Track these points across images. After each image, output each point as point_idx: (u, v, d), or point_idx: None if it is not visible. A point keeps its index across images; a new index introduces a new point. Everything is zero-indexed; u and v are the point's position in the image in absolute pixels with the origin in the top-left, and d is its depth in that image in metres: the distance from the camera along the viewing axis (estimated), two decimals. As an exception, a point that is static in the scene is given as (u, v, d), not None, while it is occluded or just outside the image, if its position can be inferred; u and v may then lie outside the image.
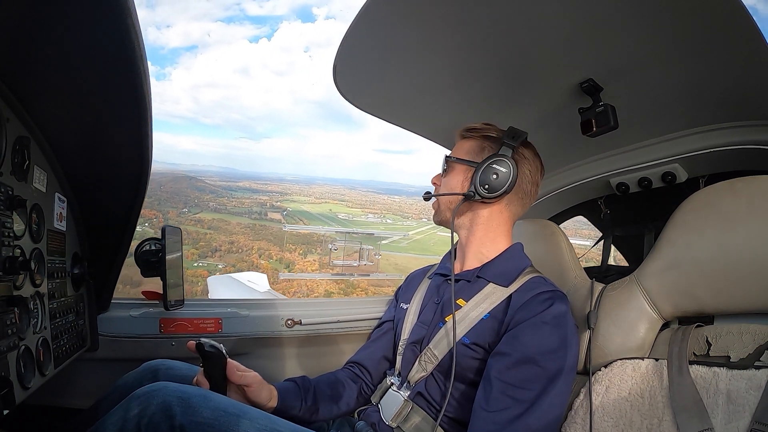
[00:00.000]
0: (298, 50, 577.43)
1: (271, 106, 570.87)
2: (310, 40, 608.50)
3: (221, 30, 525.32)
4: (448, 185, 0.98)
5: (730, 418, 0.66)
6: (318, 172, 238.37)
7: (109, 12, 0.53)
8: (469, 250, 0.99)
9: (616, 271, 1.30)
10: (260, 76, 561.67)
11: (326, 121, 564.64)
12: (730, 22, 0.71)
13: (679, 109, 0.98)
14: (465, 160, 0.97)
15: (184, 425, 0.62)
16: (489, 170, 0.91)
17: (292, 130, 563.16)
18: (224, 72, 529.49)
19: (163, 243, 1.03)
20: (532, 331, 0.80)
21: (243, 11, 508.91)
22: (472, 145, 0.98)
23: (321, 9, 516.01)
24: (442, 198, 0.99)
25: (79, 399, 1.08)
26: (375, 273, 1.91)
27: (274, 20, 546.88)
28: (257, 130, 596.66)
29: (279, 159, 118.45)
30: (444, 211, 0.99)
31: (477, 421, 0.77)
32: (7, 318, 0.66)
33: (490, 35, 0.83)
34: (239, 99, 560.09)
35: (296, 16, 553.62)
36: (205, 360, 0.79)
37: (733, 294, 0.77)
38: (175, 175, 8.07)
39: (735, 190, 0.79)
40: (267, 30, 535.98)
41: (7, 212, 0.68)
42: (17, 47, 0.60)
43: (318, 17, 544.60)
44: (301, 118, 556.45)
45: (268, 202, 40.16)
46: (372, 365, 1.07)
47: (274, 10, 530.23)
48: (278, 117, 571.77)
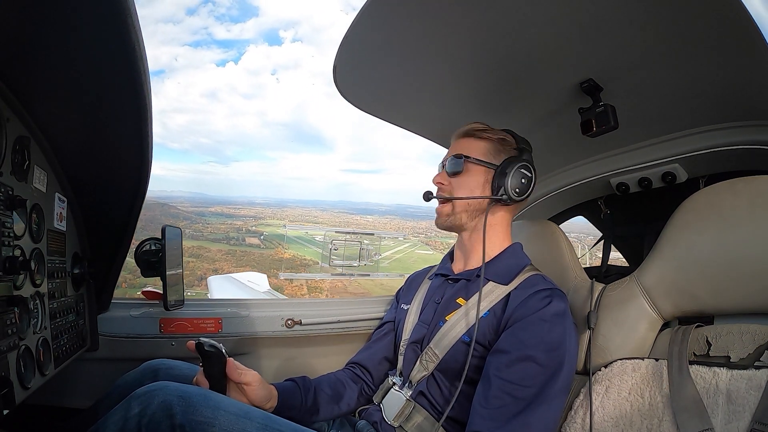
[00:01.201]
0: (265, 73, 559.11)
1: (240, 129, 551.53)
2: (277, 63, 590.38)
3: (189, 54, 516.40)
4: (466, 186, 0.95)
5: (730, 418, 0.66)
6: (288, 195, 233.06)
7: (109, 12, 0.53)
8: (475, 251, 0.98)
9: (616, 271, 1.30)
10: (228, 99, 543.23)
11: (294, 142, 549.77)
12: (730, 22, 0.71)
13: (679, 109, 0.98)
14: (485, 162, 0.94)
15: (185, 425, 0.62)
16: (519, 174, 0.91)
17: (260, 153, 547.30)
18: (192, 96, 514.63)
19: (163, 243, 1.03)
20: (531, 328, 0.80)
21: (210, 35, 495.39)
22: (488, 147, 0.96)
23: (287, 32, 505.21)
24: (458, 201, 0.95)
25: (79, 399, 1.08)
26: (375, 273, 1.91)
27: (241, 44, 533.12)
28: (226, 154, 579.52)
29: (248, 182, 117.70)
30: (459, 213, 0.95)
31: (475, 418, 0.77)
32: (7, 318, 0.66)
33: (490, 35, 0.83)
34: (207, 123, 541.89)
35: (263, 40, 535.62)
36: (205, 359, 0.79)
37: (733, 294, 0.77)
38: (146, 202, 7.99)
39: (735, 190, 0.79)
40: (234, 54, 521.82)
41: (7, 212, 0.68)
42: (17, 47, 0.60)
43: (285, 40, 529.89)
44: (270, 141, 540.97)
45: (243, 226, 40.05)
46: (373, 366, 1.07)
47: (241, 33, 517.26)
48: (246, 140, 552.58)
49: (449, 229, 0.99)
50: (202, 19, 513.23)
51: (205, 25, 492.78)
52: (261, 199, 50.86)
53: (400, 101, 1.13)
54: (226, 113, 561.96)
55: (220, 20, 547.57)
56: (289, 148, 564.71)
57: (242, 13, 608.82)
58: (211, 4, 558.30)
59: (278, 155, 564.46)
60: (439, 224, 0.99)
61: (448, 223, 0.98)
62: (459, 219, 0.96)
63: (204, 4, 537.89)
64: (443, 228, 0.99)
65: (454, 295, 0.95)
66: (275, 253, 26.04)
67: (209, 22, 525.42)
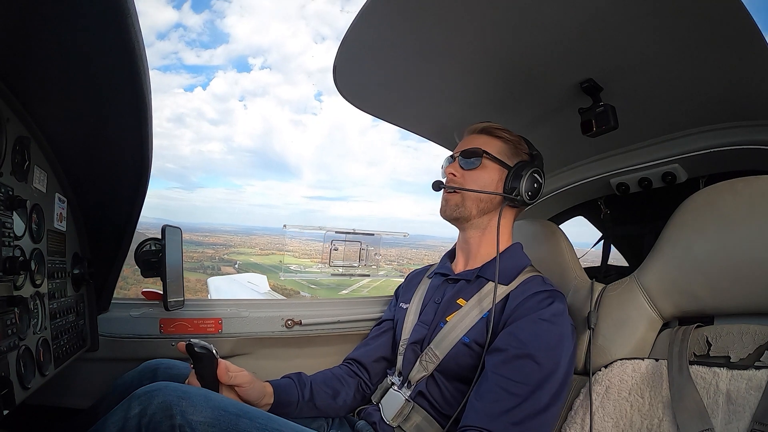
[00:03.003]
0: (233, 99, 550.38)
1: (206, 155, 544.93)
2: (245, 89, 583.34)
3: (157, 78, 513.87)
4: (481, 181, 0.95)
5: (730, 419, 0.66)
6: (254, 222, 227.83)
7: (109, 12, 0.53)
8: (477, 250, 0.99)
9: (616, 271, 1.30)
10: (195, 124, 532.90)
11: (260, 169, 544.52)
12: (730, 22, 0.71)
13: (679, 109, 0.98)
14: (501, 161, 0.95)
15: (185, 424, 0.62)
16: (532, 178, 0.94)
17: (226, 180, 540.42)
18: (159, 120, 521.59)
19: (163, 243, 1.03)
20: (529, 327, 0.80)
21: (180, 60, 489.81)
22: (504, 148, 0.97)
23: (257, 59, 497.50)
24: (469, 193, 0.95)
25: (79, 399, 1.08)
26: (375, 274, 1.90)
27: (210, 70, 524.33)
28: (191, 180, 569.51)
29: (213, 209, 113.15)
30: (470, 206, 0.95)
31: (470, 412, 0.77)
32: (7, 318, 0.66)
33: (491, 35, 0.83)
34: (173, 148, 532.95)
35: (232, 66, 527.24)
36: (196, 361, 0.79)
37: (733, 294, 0.77)
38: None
39: (735, 190, 0.79)
40: (203, 79, 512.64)
41: (7, 212, 0.68)
42: (17, 47, 0.60)
43: (254, 67, 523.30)
44: (236, 167, 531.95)
45: (215, 255, 39.98)
46: (369, 363, 1.07)
47: (211, 59, 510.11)
48: (212, 166, 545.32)
49: (455, 220, 0.98)
50: (173, 44, 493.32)
51: (175, 49, 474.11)
52: (229, 226, 49.73)
53: (400, 101, 1.13)
54: (192, 138, 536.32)
55: (191, 45, 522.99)
56: (255, 175, 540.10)
57: (213, 39, 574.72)
58: (182, 30, 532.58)
59: (244, 182, 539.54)
60: (446, 214, 0.98)
61: (456, 214, 0.97)
62: (468, 211, 0.95)
63: (175, 29, 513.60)
64: (449, 218, 0.98)
65: (454, 295, 0.95)
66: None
67: (179, 47, 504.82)
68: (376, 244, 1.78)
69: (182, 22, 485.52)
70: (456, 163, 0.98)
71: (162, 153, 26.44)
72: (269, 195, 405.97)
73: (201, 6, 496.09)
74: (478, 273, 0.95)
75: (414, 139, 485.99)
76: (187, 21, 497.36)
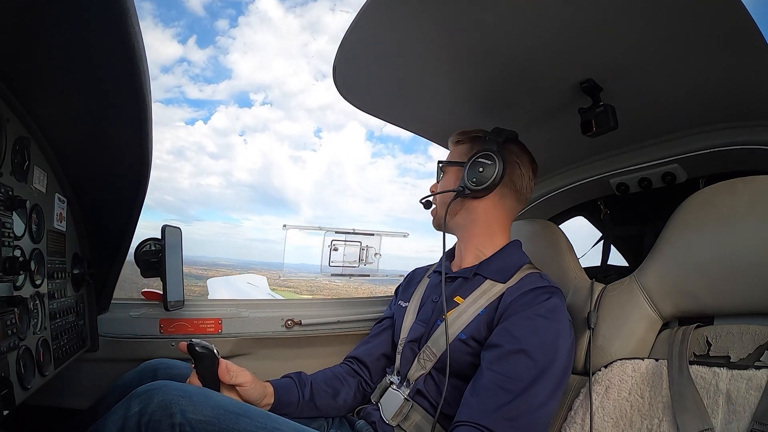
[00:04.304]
0: (233, 134, 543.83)
1: (204, 188, 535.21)
2: (245, 125, 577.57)
3: (160, 111, 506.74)
4: (442, 188, 1.03)
5: (730, 419, 0.66)
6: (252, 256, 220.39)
7: (110, 12, 0.53)
8: (468, 249, 1.00)
9: (616, 271, 1.30)
10: (195, 158, 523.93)
11: (258, 204, 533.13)
12: (730, 22, 0.71)
13: (679, 109, 0.98)
14: (455, 162, 1.01)
15: (185, 423, 0.62)
16: (476, 165, 0.94)
17: (223, 214, 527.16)
18: (159, 152, 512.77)
19: (163, 243, 1.03)
20: (525, 323, 0.80)
21: (183, 94, 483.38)
22: (462, 149, 1.02)
23: (258, 95, 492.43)
24: (439, 201, 1.03)
25: (79, 399, 1.08)
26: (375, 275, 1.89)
27: (212, 104, 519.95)
28: (189, 213, 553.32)
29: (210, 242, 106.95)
30: (441, 212, 1.01)
31: (464, 408, 0.77)
32: (7, 318, 0.66)
33: (490, 35, 0.83)
34: (173, 181, 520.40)
35: (234, 101, 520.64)
36: (197, 361, 0.80)
37: (733, 294, 0.77)
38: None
39: (735, 190, 0.79)
40: (205, 113, 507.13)
41: (7, 212, 0.68)
42: (17, 47, 0.60)
43: (255, 102, 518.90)
44: (234, 201, 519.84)
45: None
46: (371, 361, 1.07)
47: (213, 94, 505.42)
48: (211, 200, 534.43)
49: (440, 229, 1.02)
50: (176, 78, 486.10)
51: (178, 83, 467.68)
52: (225, 260, 48.62)
53: (400, 101, 1.13)
54: (192, 172, 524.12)
55: (194, 80, 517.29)
56: (254, 210, 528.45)
57: (216, 74, 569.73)
58: (186, 64, 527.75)
59: (242, 216, 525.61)
60: (434, 225, 1.06)
61: (436, 223, 1.05)
62: (440, 217, 1.00)
63: (179, 64, 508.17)
64: (437, 229, 1.04)
65: (452, 293, 0.95)
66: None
67: (183, 81, 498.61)
68: (376, 244, 1.78)
69: (187, 56, 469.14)
70: (435, 181, 1.07)
71: (161, 185, 26.05)
72: (266, 230, 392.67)
73: (206, 42, 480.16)
74: (475, 271, 0.95)
75: (412, 176, 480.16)
76: (191, 56, 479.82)
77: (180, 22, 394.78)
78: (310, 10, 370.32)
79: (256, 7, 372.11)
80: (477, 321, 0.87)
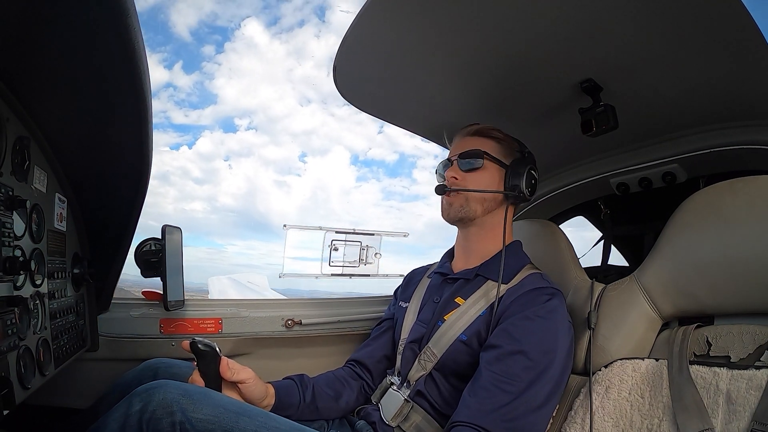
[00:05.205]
0: (218, 159, 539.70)
1: (189, 213, 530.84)
2: (230, 149, 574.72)
3: None
4: (483, 181, 0.96)
5: (730, 418, 0.66)
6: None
7: (110, 12, 0.53)
8: (477, 248, 0.99)
9: (616, 271, 1.30)
10: (180, 183, 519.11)
11: (243, 229, 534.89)
12: (730, 22, 0.71)
13: (679, 109, 0.98)
14: (499, 160, 0.97)
15: (185, 422, 0.62)
16: (530, 175, 0.96)
17: (208, 239, 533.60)
18: None
19: (163, 243, 1.03)
20: (524, 323, 0.80)
21: (168, 119, 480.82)
22: (499, 147, 0.98)
23: (243, 120, 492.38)
24: (473, 194, 0.96)
25: (79, 399, 1.08)
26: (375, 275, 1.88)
27: (197, 129, 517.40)
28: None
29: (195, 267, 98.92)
30: (474, 207, 0.96)
31: (462, 408, 0.76)
32: (7, 318, 0.66)
33: (491, 35, 0.83)
34: (157, 206, 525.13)
35: (219, 126, 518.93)
36: (200, 359, 0.80)
37: (733, 294, 0.77)
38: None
39: (735, 190, 0.79)
40: (190, 138, 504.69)
41: (7, 212, 0.68)
42: (17, 46, 0.60)
43: (240, 127, 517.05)
44: (218, 227, 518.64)
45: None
46: (372, 364, 1.07)
47: (198, 119, 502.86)
48: (195, 224, 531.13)
49: (459, 221, 0.99)
50: (162, 103, 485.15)
51: (164, 108, 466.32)
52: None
53: (400, 101, 1.13)
54: (176, 197, 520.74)
55: (180, 105, 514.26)
56: (238, 235, 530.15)
57: (202, 99, 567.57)
58: (172, 89, 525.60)
59: (226, 241, 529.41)
60: (449, 216, 0.99)
61: (461, 214, 0.97)
62: (474, 211, 0.96)
63: (165, 89, 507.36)
64: (453, 220, 0.99)
65: (452, 294, 0.95)
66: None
67: (168, 106, 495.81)
68: (376, 244, 1.78)
69: (173, 81, 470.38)
70: (455, 166, 0.98)
71: (145, 210, 25.27)
72: (250, 255, 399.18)
73: (192, 67, 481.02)
74: (477, 272, 0.95)
75: (396, 199, 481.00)
76: (177, 81, 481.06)
77: (167, 47, 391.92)
78: (296, 36, 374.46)
79: (242, 33, 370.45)
80: (478, 322, 0.87)
